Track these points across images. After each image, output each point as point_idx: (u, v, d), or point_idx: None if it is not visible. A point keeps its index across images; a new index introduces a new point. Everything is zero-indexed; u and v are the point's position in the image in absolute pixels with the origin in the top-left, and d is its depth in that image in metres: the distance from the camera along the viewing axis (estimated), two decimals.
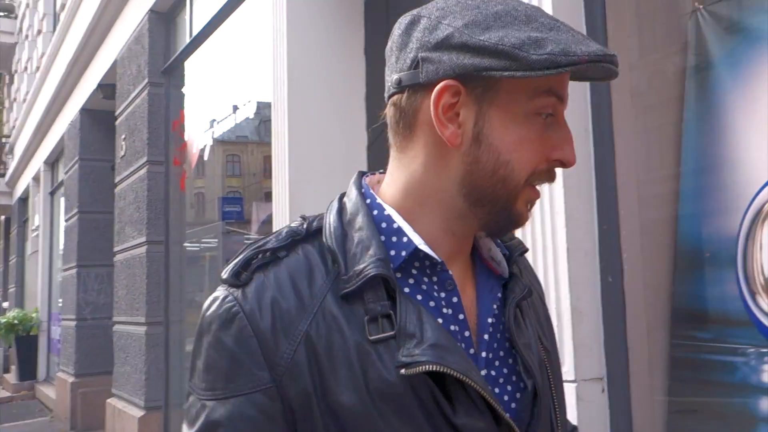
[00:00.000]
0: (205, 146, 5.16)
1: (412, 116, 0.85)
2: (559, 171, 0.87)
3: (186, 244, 5.41)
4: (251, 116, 4.81)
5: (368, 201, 0.88)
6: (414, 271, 0.84)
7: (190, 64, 5.30)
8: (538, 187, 0.86)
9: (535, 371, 0.86)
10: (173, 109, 5.50)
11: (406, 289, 0.83)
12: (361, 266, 0.80)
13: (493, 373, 0.85)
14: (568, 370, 1.78)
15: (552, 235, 1.88)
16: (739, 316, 1.74)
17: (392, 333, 0.77)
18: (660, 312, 1.92)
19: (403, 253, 0.83)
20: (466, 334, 0.85)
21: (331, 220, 0.86)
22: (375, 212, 0.86)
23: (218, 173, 5.30)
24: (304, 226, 0.87)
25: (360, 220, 0.85)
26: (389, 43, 0.88)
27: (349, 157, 3.37)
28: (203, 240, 5.22)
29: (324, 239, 0.85)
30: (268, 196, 4.78)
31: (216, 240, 5.07)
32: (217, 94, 5.05)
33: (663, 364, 1.89)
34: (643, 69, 2.14)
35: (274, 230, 0.99)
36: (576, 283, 1.85)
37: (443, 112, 0.81)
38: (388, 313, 0.78)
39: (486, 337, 0.86)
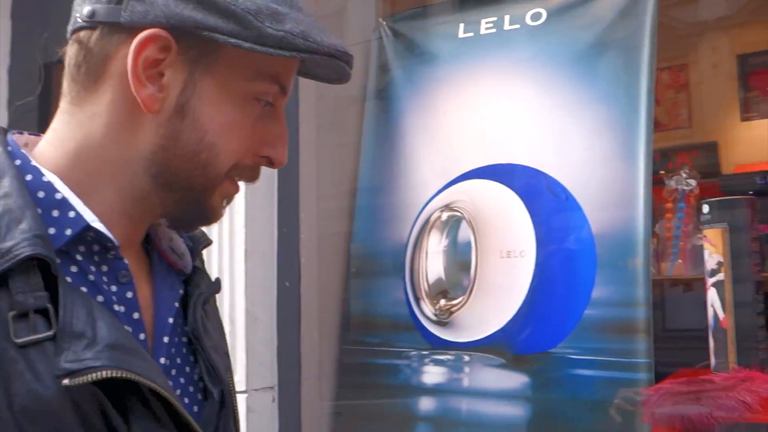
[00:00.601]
0: None
1: (101, 62, 0.69)
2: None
3: None
4: None
5: (18, 162, 0.68)
6: (79, 257, 0.67)
7: None
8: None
9: (222, 377, 0.76)
10: None
11: (69, 279, 0.65)
12: (9, 244, 0.61)
13: (169, 383, 0.71)
14: (240, 380, 1.68)
15: (230, 235, 1.77)
16: (404, 321, 1.82)
17: (50, 333, 0.59)
18: (333, 318, 1.94)
19: (69, 232, 0.65)
20: (141, 336, 0.70)
21: None
22: (29, 177, 0.67)
23: None
24: None
25: (6, 185, 0.65)
26: None
27: None
28: None
29: None
30: None
31: None
32: None
33: (333, 370, 1.90)
34: (329, 88, 2.17)
35: None
36: (252, 287, 1.76)
37: (144, 68, 0.66)
38: (44, 308, 0.60)
39: (166, 340, 0.72)
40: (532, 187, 1.73)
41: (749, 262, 1.41)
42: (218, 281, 0.83)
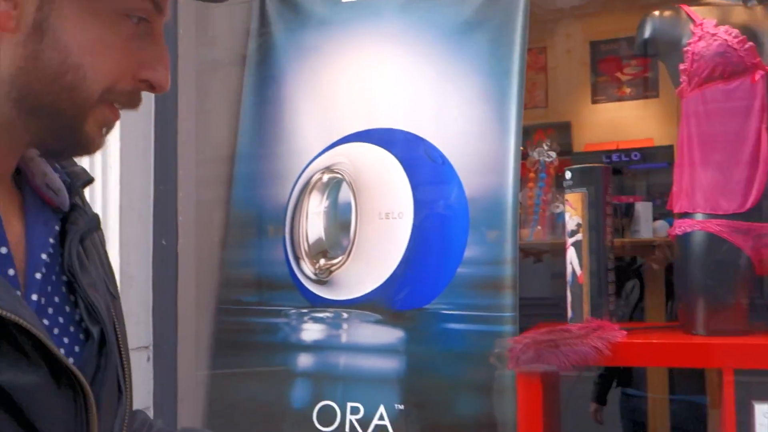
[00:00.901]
0: None
1: None
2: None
3: None
4: None
5: None
6: None
7: None
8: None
9: (103, 316, 0.73)
10: None
11: None
12: None
13: (46, 321, 0.68)
14: None
15: (103, 191, 1.69)
16: (283, 281, 1.84)
17: None
18: (211, 279, 1.92)
19: None
20: (11, 272, 0.66)
21: None
22: None
23: None
24: None
25: None
26: None
27: None
28: None
29: None
30: None
31: None
32: None
33: (210, 330, 1.89)
34: (209, 51, 2.12)
35: None
36: (127, 245, 1.70)
37: None
38: None
39: (38, 276, 0.69)
40: (411, 151, 1.80)
41: (604, 225, 1.56)
42: (97, 218, 0.79)
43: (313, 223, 1.86)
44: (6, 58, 0.63)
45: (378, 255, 1.75)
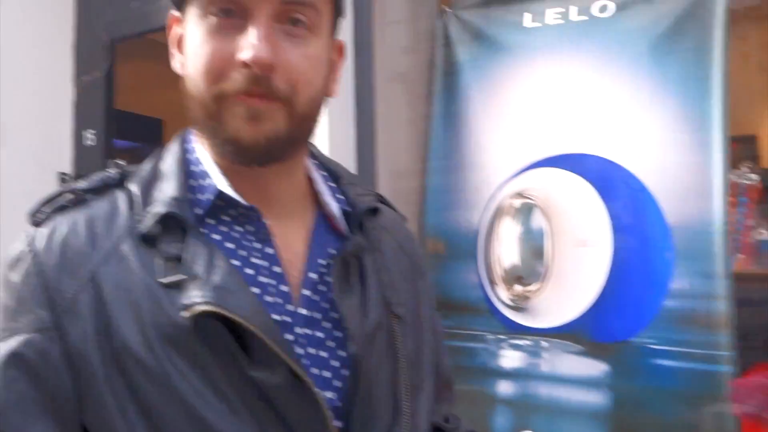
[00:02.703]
0: None
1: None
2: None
3: None
4: None
5: (186, 145, 0.82)
6: (227, 218, 0.77)
7: None
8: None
9: (359, 337, 0.76)
10: None
11: (217, 236, 0.75)
12: (155, 206, 0.75)
13: (319, 334, 0.76)
14: None
15: None
16: (479, 305, 1.89)
17: (183, 276, 0.71)
18: None
19: (209, 197, 0.76)
20: (283, 288, 0.76)
21: (144, 166, 0.81)
22: (188, 155, 0.81)
23: None
24: (119, 172, 0.81)
25: (169, 163, 0.80)
26: None
27: (48, 113, 2.90)
28: None
29: (130, 183, 0.79)
30: None
31: None
32: None
33: None
34: (409, 57, 2.20)
35: None
36: None
37: (175, 44, 0.81)
38: (179, 255, 0.72)
39: (308, 293, 0.77)
40: (606, 177, 1.77)
41: None
42: (358, 243, 0.81)
43: (507, 249, 1.88)
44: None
45: (576, 283, 1.74)
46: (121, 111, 2.99)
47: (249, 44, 0.69)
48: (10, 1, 2.75)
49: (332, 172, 0.88)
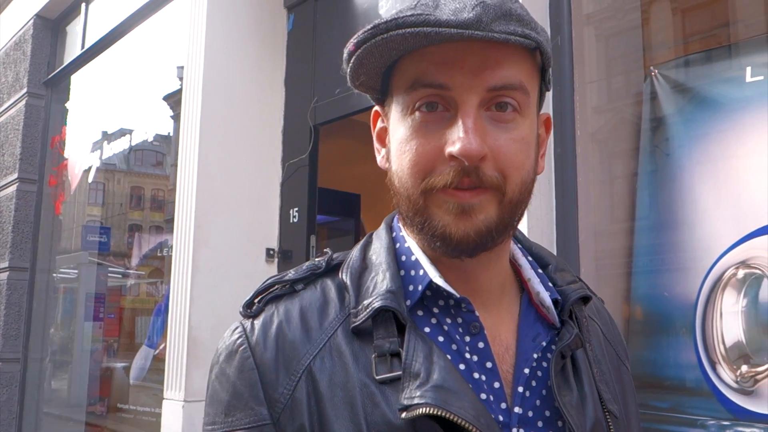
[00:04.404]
0: (90, 168, 4.71)
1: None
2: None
3: (57, 274, 4.88)
4: (123, 143, 4.50)
5: (394, 234, 0.81)
6: (436, 310, 0.75)
7: (78, 78, 4.85)
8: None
9: None
10: (54, 125, 5.01)
11: (427, 329, 0.73)
12: (371, 299, 0.73)
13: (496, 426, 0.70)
14: None
15: None
16: (698, 387, 1.70)
17: (399, 373, 0.69)
18: None
19: (420, 288, 0.74)
20: (496, 385, 0.72)
21: (353, 254, 0.80)
22: (398, 245, 0.79)
23: (80, 200, 4.91)
24: (326, 260, 0.80)
25: (380, 254, 0.78)
26: None
27: (261, 192, 3.17)
28: (61, 270, 4.87)
29: (340, 274, 0.78)
30: (132, 228, 4.55)
31: (76, 271, 4.77)
32: (106, 115, 4.65)
33: None
34: (604, 116, 2.13)
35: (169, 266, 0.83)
36: None
37: (379, 139, 0.81)
38: (397, 351, 0.70)
39: (521, 390, 0.73)
40: None
41: None
42: (577, 335, 0.77)
43: (730, 324, 1.68)
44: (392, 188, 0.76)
45: None
46: (323, 188, 3.17)
47: (458, 138, 0.69)
48: (229, 96, 3.08)
49: (538, 257, 0.85)
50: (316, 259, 0.81)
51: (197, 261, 2.86)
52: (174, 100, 3.79)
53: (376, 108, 0.81)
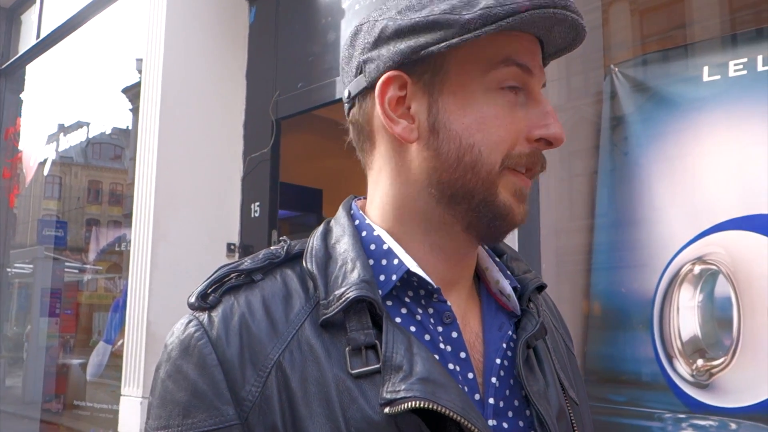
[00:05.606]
0: (46, 161, 4.60)
1: (367, 126, 0.78)
2: None
3: (11, 268, 4.76)
4: (80, 135, 4.40)
5: (357, 222, 0.79)
6: (407, 300, 0.73)
7: (33, 68, 4.73)
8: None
9: (551, 425, 0.72)
10: (8, 116, 4.87)
11: (398, 320, 0.71)
12: (342, 290, 0.70)
13: (505, 425, 0.71)
14: None
15: None
16: (655, 381, 1.72)
17: (377, 366, 0.66)
18: None
19: (394, 277, 0.72)
20: (470, 375, 0.72)
21: (314, 242, 0.77)
22: (364, 233, 0.77)
23: (36, 193, 4.80)
24: (284, 248, 0.77)
25: (345, 242, 0.75)
26: (340, 65, 0.80)
27: (222, 186, 3.12)
28: (15, 265, 4.75)
29: (304, 263, 0.74)
30: (89, 223, 4.47)
31: (31, 266, 4.66)
32: (62, 107, 4.54)
33: None
34: (565, 114, 2.15)
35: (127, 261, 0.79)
36: None
37: (391, 108, 0.74)
38: (373, 344, 0.68)
39: (494, 380, 0.73)
40: None
41: None
42: (542, 324, 0.77)
43: (686, 319, 1.72)
44: (419, 164, 0.73)
45: None
46: (285, 183, 3.14)
47: (550, 122, 0.72)
48: (189, 89, 3.03)
49: (493, 246, 0.85)
50: (273, 248, 0.77)
51: (156, 256, 2.81)
52: (133, 92, 3.72)
53: (392, 74, 0.73)
